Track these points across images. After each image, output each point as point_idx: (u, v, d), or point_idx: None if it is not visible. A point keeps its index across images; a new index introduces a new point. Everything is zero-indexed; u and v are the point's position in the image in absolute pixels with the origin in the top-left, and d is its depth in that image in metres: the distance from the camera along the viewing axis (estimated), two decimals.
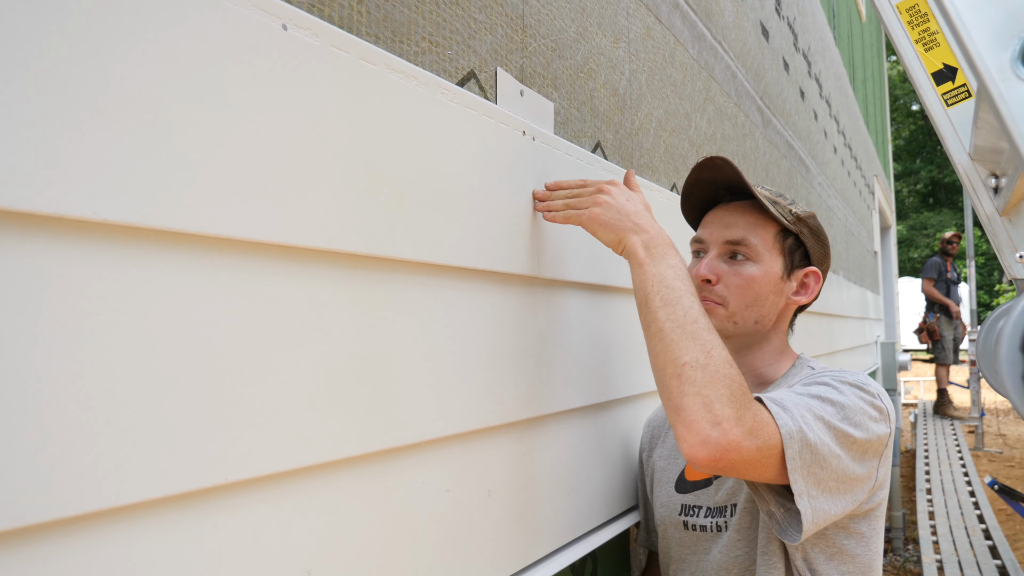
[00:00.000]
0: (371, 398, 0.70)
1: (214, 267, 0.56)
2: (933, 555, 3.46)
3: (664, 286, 0.87)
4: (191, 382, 0.54)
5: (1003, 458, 6.51)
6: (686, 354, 0.81)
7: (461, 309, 0.84)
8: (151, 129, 0.51)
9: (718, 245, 1.04)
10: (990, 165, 2.01)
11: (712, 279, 1.02)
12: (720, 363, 0.81)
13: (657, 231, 0.93)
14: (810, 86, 3.45)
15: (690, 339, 0.83)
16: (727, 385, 0.80)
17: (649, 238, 0.91)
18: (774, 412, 0.82)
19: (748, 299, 1.02)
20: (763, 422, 0.81)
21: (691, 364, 0.81)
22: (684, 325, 0.84)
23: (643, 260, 0.90)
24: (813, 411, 0.86)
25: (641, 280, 0.89)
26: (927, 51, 2.04)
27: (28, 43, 0.44)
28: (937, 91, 2.07)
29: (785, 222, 1.03)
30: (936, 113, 2.09)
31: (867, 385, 0.93)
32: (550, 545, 1.01)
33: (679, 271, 0.89)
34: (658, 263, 0.89)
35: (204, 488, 0.54)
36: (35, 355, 0.45)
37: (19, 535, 0.44)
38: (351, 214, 0.68)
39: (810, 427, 0.83)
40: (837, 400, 0.88)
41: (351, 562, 0.68)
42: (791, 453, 0.81)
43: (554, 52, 1.11)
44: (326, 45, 0.66)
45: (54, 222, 0.46)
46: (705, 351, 0.82)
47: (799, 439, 0.82)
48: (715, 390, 0.79)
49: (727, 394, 0.79)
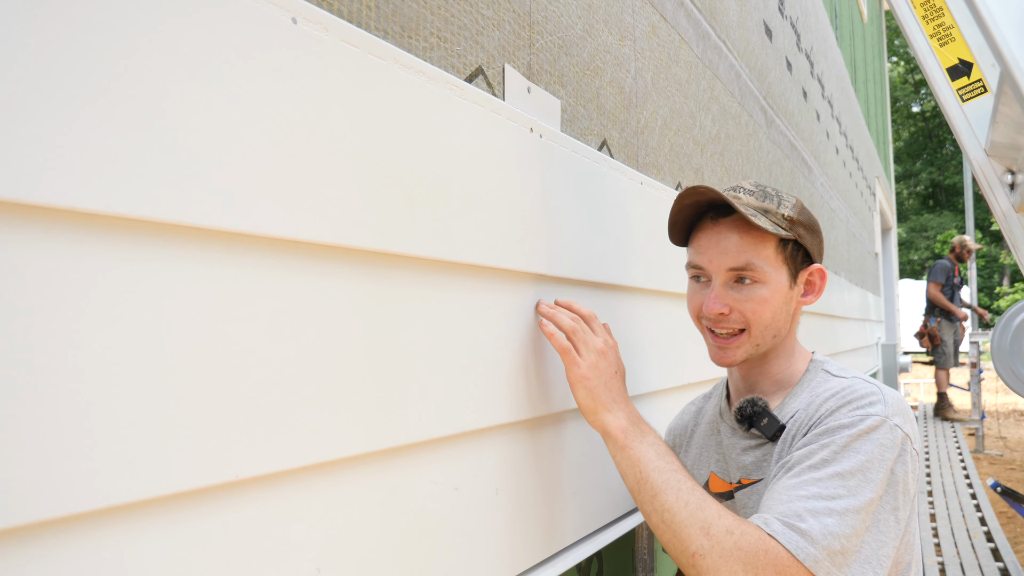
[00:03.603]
0: (380, 396, 0.69)
1: (223, 262, 0.55)
2: (935, 557, 3.45)
3: (651, 470, 0.90)
4: (199, 378, 0.53)
5: (1004, 461, 6.50)
6: (691, 544, 0.84)
7: (470, 307, 0.83)
8: (160, 122, 0.50)
9: (721, 273, 1.00)
10: (1006, 161, 2.00)
11: (725, 311, 0.99)
12: (722, 536, 0.82)
13: (631, 409, 0.96)
14: (813, 86, 3.44)
15: (688, 525, 0.85)
16: (737, 558, 0.81)
17: (624, 417, 0.94)
18: (793, 548, 0.81)
19: (765, 320, 1.00)
20: (785, 567, 0.80)
21: (698, 553, 0.83)
22: (678, 512, 0.86)
23: (623, 443, 0.93)
24: (834, 508, 0.83)
25: (626, 464, 0.92)
26: (942, 46, 2.03)
27: (36, 35, 0.44)
28: (952, 86, 2.06)
29: (782, 232, 0.99)
30: (951, 109, 2.08)
31: (883, 416, 0.89)
32: (557, 544, 1.00)
33: (659, 448, 0.92)
34: (639, 444, 0.92)
35: (213, 485, 0.54)
36: (43, 350, 0.44)
37: (26, 532, 0.43)
38: (360, 210, 0.67)
39: (835, 536, 0.82)
40: (857, 468, 0.86)
41: (360, 560, 0.67)
42: (823, 572, 0.81)
43: (561, 49, 1.10)
44: (335, 39, 0.65)
45: (63, 215, 0.46)
46: (705, 532, 0.83)
47: (826, 557, 0.81)
48: (730, 569, 0.81)
49: (741, 568, 0.81)
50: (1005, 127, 1.81)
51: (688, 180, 1.66)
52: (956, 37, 2.02)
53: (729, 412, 1.09)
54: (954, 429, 6.93)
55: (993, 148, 1.98)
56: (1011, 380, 2.85)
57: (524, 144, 0.95)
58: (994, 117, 1.82)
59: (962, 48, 2.02)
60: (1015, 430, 8.15)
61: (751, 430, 1.01)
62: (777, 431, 0.98)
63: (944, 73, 2.06)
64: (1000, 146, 1.95)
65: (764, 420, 0.99)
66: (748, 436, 1.03)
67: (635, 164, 1.36)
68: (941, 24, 2.03)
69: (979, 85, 2.04)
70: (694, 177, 1.70)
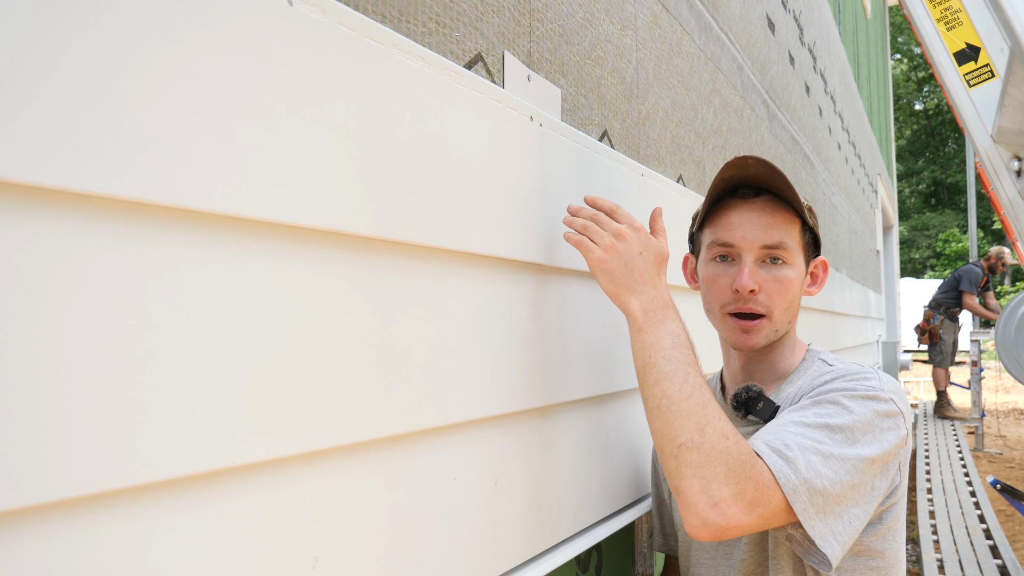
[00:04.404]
0: (379, 383, 0.69)
1: (221, 246, 0.55)
2: (934, 554, 3.45)
3: (662, 356, 0.87)
4: (197, 363, 0.52)
5: (1003, 459, 6.50)
6: (682, 434, 0.82)
7: (470, 296, 0.83)
8: (155, 104, 0.50)
9: (754, 250, 0.98)
10: (1014, 147, 1.99)
11: (756, 289, 0.98)
12: (716, 438, 0.81)
13: (658, 292, 0.91)
14: (815, 81, 3.43)
15: (685, 416, 0.83)
16: (724, 461, 0.80)
17: (648, 300, 0.91)
18: (775, 470, 0.81)
19: (785, 303, 0.99)
20: (764, 486, 0.80)
21: (686, 445, 0.81)
22: (679, 401, 0.84)
23: (641, 325, 0.90)
24: (821, 449, 0.83)
25: (639, 347, 0.90)
26: (949, 30, 2.02)
27: (31, 21, 0.43)
28: (959, 71, 2.05)
29: (806, 217, 1.00)
30: (957, 94, 2.07)
31: (878, 391, 0.90)
32: (556, 536, 1.00)
33: (677, 338, 0.89)
34: (656, 329, 0.89)
35: (210, 471, 0.53)
36: (41, 333, 0.44)
37: (23, 515, 0.43)
38: (358, 196, 0.66)
39: (817, 472, 0.81)
40: (846, 424, 0.86)
41: (358, 548, 0.67)
42: (799, 506, 0.81)
43: (561, 37, 1.10)
44: (332, 22, 0.65)
45: (58, 195, 0.45)
46: (700, 428, 0.82)
47: (805, 490, 0.81)
48: (712, 470, 0.80)
49: (724, 472, 0.79)
50: (1013, 111, 1.80)
51: (689, 173, 1.65)
52: (964, 21, 2.01)
53: (725, 401, 1.09)
54: (954, 427, 6.92)
55: (1000, 134, 1.97)
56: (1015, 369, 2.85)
57: (524, 133, 0.94)
58: (1002, 101, 1.81)
59: (969, 32, 2.01)
60: (1015, 429, 8.15)
61: (748, 416, 1.01)
62: (773, 413, 0.98)
63: (951, 58, 2.05)
64: (1007, 132, 1.94)
65: (760, 404, 0.99)
66: (745, 423, 1.03)
67: (636, 156, 1.36)
68: (948, 8, 2.02)
69: (986, 70, 2.02)
70: (695, 170, 1.69)
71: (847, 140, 4.68)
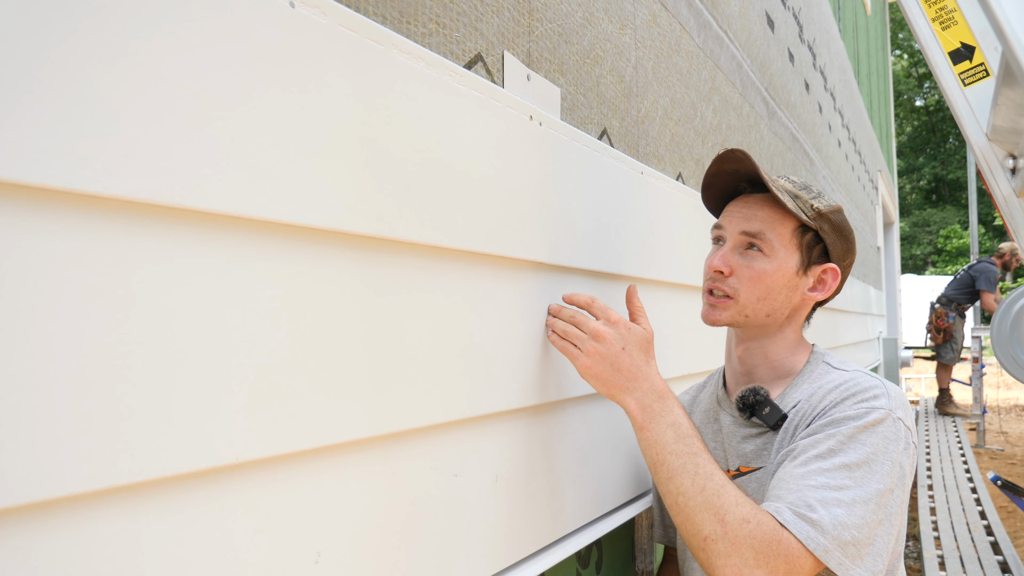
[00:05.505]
0: (380, 381, 0.69)
1: (221, 245, 0.55)
2: (935, 550, 3.46)
3: (668, 453, 0.90)
4: (199, 361, 0.53)
5: (1004, 455, 6.50)
6: (704, 527, 0.85)
7: (469, 294, 0.83)
8: (155, 105, 0.50)
9: (734, 236, 1.04)
10: (1008, 146, 2.00)
11: (725, 271, 1.02)
12: (737, 525, 0.83)
13: (651, 384, 0.93)
14: (815, 78, 3.43)
15: (703, 510, 0.85)
16: (751, 546, 0.82)
17: (643, 395, 0.93)
18: (803, 538, 0.82)
19: (759, 293, 1.02)
20: (795, 557, 0.82)
21: (711, 537, 0.84)
22: (693, 496, 0.86)
23: (641, 423, 0.92)
24: (843, 499, 0.84)
25: (644, 445, 0.93)
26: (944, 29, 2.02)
27: (34, 20, 0.44)
28: (954, 70, 2.05)
29: (804, 218, 1.01)
30: (953, 93, 2.07)
31: (886, 411, 0.91)
32: (557, 532, 1.00)
33: (679, 429, 0.91)
34: (656, 424, 0.91)
35: (212, 468, 0.54)
36: (41, 331, 0.44)
37: (22, 512, 0.44)
38: (358, 195, 0.67)
39: (844, 525, 0.83)
40: (863, 460, 0.87)
41: (360, 545, 0.67)
42: (835, 563, 0.82)
43: (561, 37, 1.10)
44: (333, 24, 0.65)
45: (61, 196, 0.45)
46: (719, 519, 0.84)
47: (836, 547, 0.82)
48: (740, 556, 0.82)
49: (752, 556, 0.81)
50: (1007, 110, 1.80)
51: (689, 171, 1.65)
52: (958, 20, 2.01)
53: (728, 400, 1.10)
54: (955, 424, 6.92)
55: (995, 132, 1.98)
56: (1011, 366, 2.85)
57: (523, 132, 0.94)
58: (995, 100, 1.81)
59: (964, 31, 2.01)
60: (1016, 425, 8.15)
61: (752, 419, 1.02)
62: (779, 420, 0.99)
63: (946, 57, 2.05)
64: (1001, 130, 1.94)
65: (766, 409, 1.00)
66: (749, 425, 1.04)
67: (635, 154, 1.36)
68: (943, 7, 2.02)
69: (981, 69, 2.03)
70: (695, 168, 1.69)
71: (847, 137, 4.68)
